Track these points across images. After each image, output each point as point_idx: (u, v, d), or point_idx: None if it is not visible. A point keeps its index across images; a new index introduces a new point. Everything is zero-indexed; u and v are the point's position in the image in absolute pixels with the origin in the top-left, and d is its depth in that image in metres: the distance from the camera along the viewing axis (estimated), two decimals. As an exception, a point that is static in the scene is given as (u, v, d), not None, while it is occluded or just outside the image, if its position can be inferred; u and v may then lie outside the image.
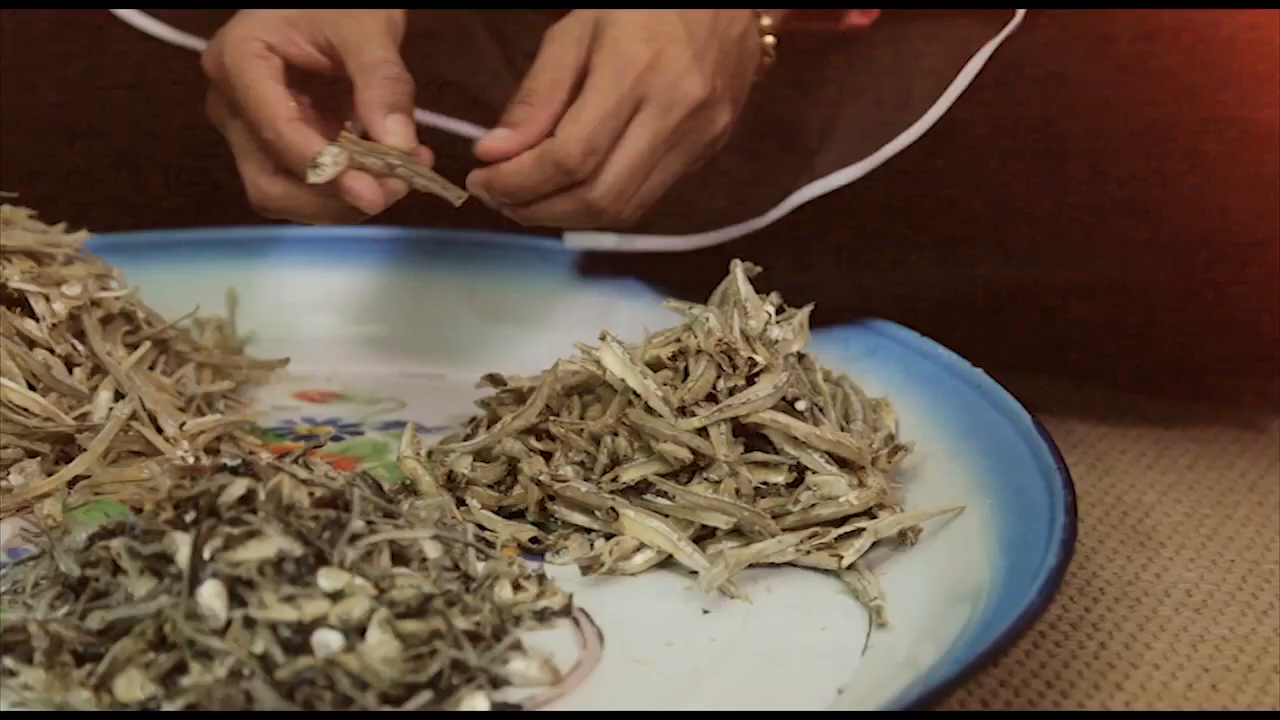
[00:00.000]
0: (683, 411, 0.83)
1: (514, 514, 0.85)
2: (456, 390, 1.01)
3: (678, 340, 0.87)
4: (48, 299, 0.89)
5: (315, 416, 0.98)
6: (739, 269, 0.89)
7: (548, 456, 0.86)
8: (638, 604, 0.78)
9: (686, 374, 0.85)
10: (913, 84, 0.97)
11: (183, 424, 0.90)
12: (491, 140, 0.88)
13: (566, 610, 0.76)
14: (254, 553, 0.70)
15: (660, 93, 0.87)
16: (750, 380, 0.84)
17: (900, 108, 0.97)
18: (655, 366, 0.86)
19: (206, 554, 0.69)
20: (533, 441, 0.87)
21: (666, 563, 0.80)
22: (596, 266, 1.08)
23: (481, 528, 0.82)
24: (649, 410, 0.83)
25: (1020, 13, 0.96)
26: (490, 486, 0.86)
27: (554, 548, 0.82)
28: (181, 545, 0.70)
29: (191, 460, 0.87)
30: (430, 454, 0.90)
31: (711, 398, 0.84)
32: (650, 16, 0.88)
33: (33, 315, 0.89)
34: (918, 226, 0.98)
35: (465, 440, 0.90)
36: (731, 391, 0.83)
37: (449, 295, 1.09)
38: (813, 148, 1.01)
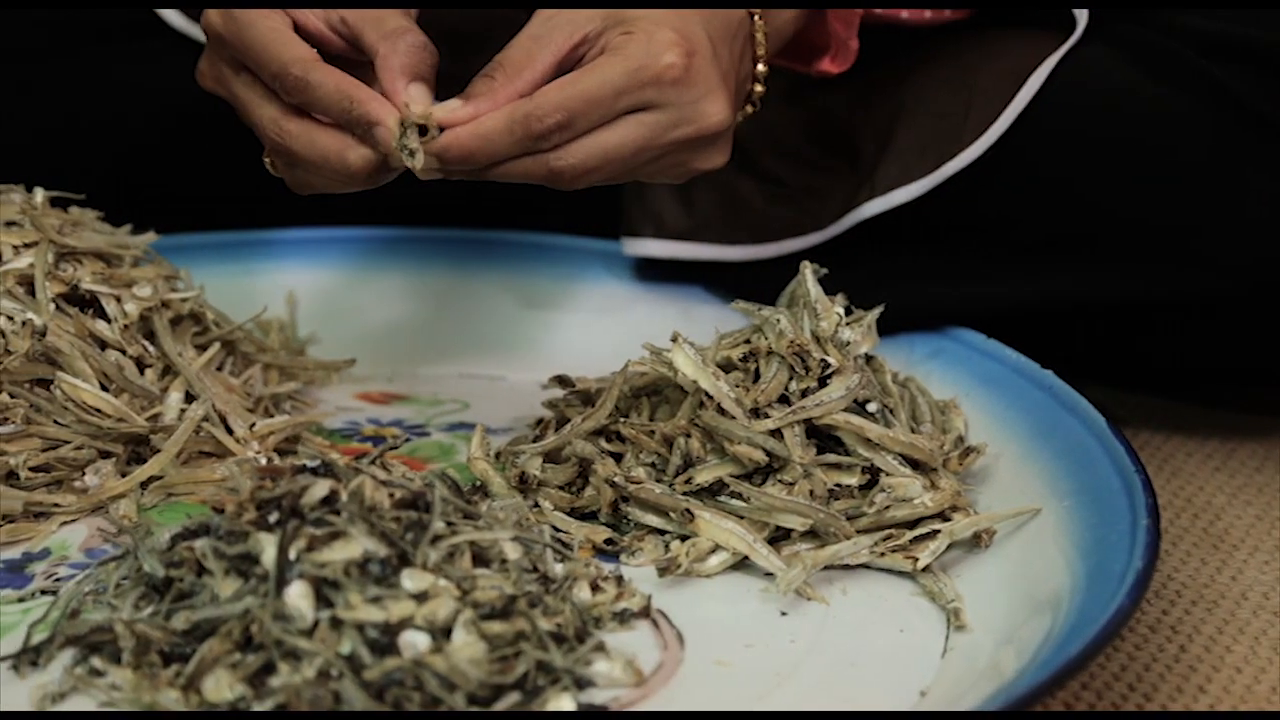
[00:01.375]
0: (755, 413, 0.83)
1: (585, 515, 0.85)
2: (517, 391, 1.01)
3: (747, 342, 0.87)
4: (119, 300, 0.89)
5: (380, 418, 0.98)
6: (808, 271, 0.89)
7: (617, 458, 0.86)
8: (714, 606, 0.78)
9: (757, 376, 0.85)
10: (973, 99, 0.96)
11: (252, 425, 0.90)
12: (441, 109, 0.82)
13: (645, 612, 0.76)
14: (339, 554, 0.70)
15: (678, 106, 0.83)
16: (822, 382, 0.84)
17: (961, 123, 0.96)
18: (725, 368, 0.86)
19: (291, 555, 0.70)
20: (602, 443, 0.87)
21: (739, 564, 0.81)
22: (655, 271, 1.09)
23: (555, 529, 0.82)
24: (721, 412, 0.83)
25: (1080, 27, 0.96)
26: (561, 488, 0.87)
27: (629, 549, 0.82)
28: (267, 546, 0.70)
29: (264, 461, 0.88)
30: (498, 455, 0.90)
31: (783, 399, 0.84)
32: (683, 29, 0.83)
33: (103, 316, 0.89)
34: (980, 238, 0.98)
35: (534, 442, 0.90)
36: (804, 393, 0.83)
37: (508, 297, 1.09)
38: (871, 161, 1.01)
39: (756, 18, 0.88)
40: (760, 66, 0.90)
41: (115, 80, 1.11)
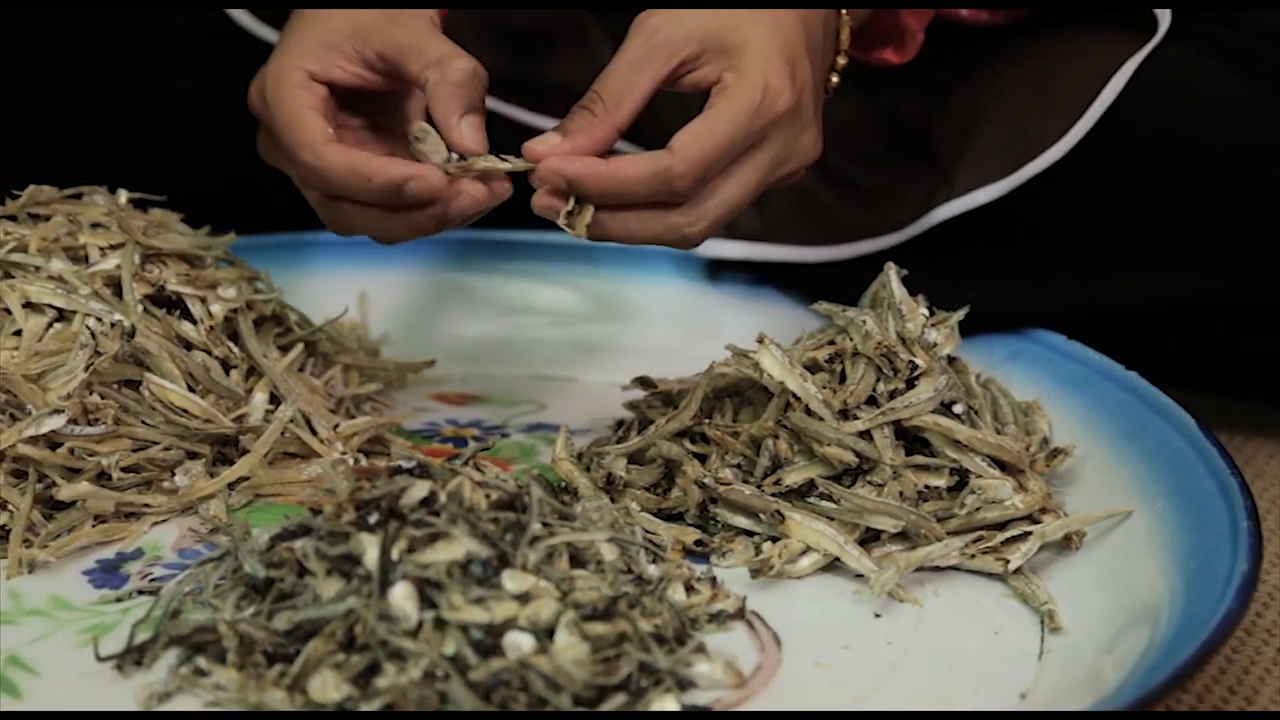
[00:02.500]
0: (843, 415, 0.83)
1: (670, 517, 0.85)
2: (591, 392, 1.02)
3: (831, 343, 0.87)
4: (204, 302, 0.90)
5: (458, 419, 0.98)
6: (892, 272, 0.89)
7: (701, 459, 0.86)
8: (807, 607, 0.78)
9: (843, 377, 0.85)
10: (1054, 100, 0.96)
11: (335, 426, 0.91)
12: (539, 143, 0.81)
13: (740, 613, 0.76)
14: (442, 554, 0.70)
15: (783, 142, 0.82)
16: (909, 384, 0.84)
17: (1041, 124, 0.96)
18: (810, 369, 0.86)
19: (394, 556, 0.70)
20: (686, 444, 0.87)
21: (828, 566, 0.81)
22: (727, 272, 1.09)
23: (645, 531, 0.82)
24: (809, 413, 0.83)
25: (1164, 27, 0.96)
26: (645, 489, 0.87)
27: (719, 551, 0.82)
28: (369, 547, 0.70)
29: (352, 462, 0.88)
30: (579, 456, 0.91)
31: (870, 401, 0.84)
32: (791, 52, 0.82)
33: (188, 317, 0.90)
34: (1060, 239, 0.97)
35: (617, 443, 0.90)
36: (892, 395, 0.83)
37: (578, 298, 1.09)
38: (949, 162, 1.00)
39: (844, 13, 0.88)
40: (840, 59, 0.89)
41: (175, 84, 1.11)
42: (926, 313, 0.88)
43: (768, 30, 0.82)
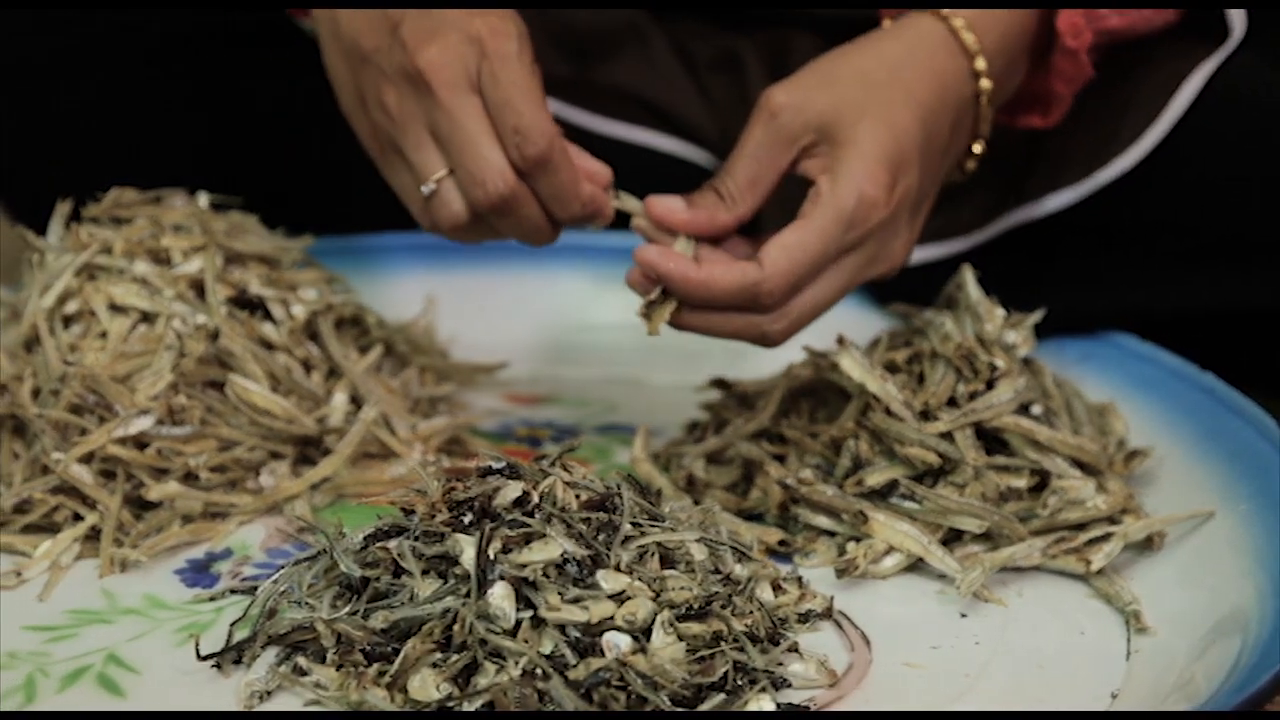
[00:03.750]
0: (923, 416, 0.83)
1: (749, 517, 0.86)
2: (659, 393, 1.02)
3: (908, 344, 0.88)
4: (286, 304, 0.91)
5: (530, 419, 0.99)
6: (969, 274, 0.90)
7: (778, 460, 0.87)
8: (892, 607, 0.78)
9: (920, 378, 0.86)
10: (1126, 106, 0.96)
11: (414, 426, 0.91)
12: (661, 203, 0.83)
13: (828, 613, 0.77)
14: (539, 554, 0.71)
15: (873, 248, 0.83)
16: (989, 385, 0.84)
17: (1114, 130, 0.96)
18: (889, 370, 0.86)
19: (490, 555, 0.70)
20: (765, 444, 0.88)
21: (909, 566, 0.81)
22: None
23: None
24: (889, 414, 0.83)
25: (1237, 33, 0.96)
26: (724, 489, 0.87)
27: (802, 551, 0.83)
28: (466, 547, 0.71)
29: (433, 462, 0.89)
30: (655, 456, 0.91)
31: (950, 402, 0.84)
32: (896, 159, 0.81)
33: (268, 319, 0.91)
34: (1131, 242, 0.98)
35: (695, 444, 0.91)
36: (972, 396, 0.84)
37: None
38: (1018, 167, 1.01)
39: (983, 99, 0.86)
40: (977, 146, 0.88)
41: (238, 86, 1.12)
42: (1003, 314, 0.88)
43: (878, 133, 0.81)
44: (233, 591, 0.78)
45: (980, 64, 0.85)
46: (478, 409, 0.99)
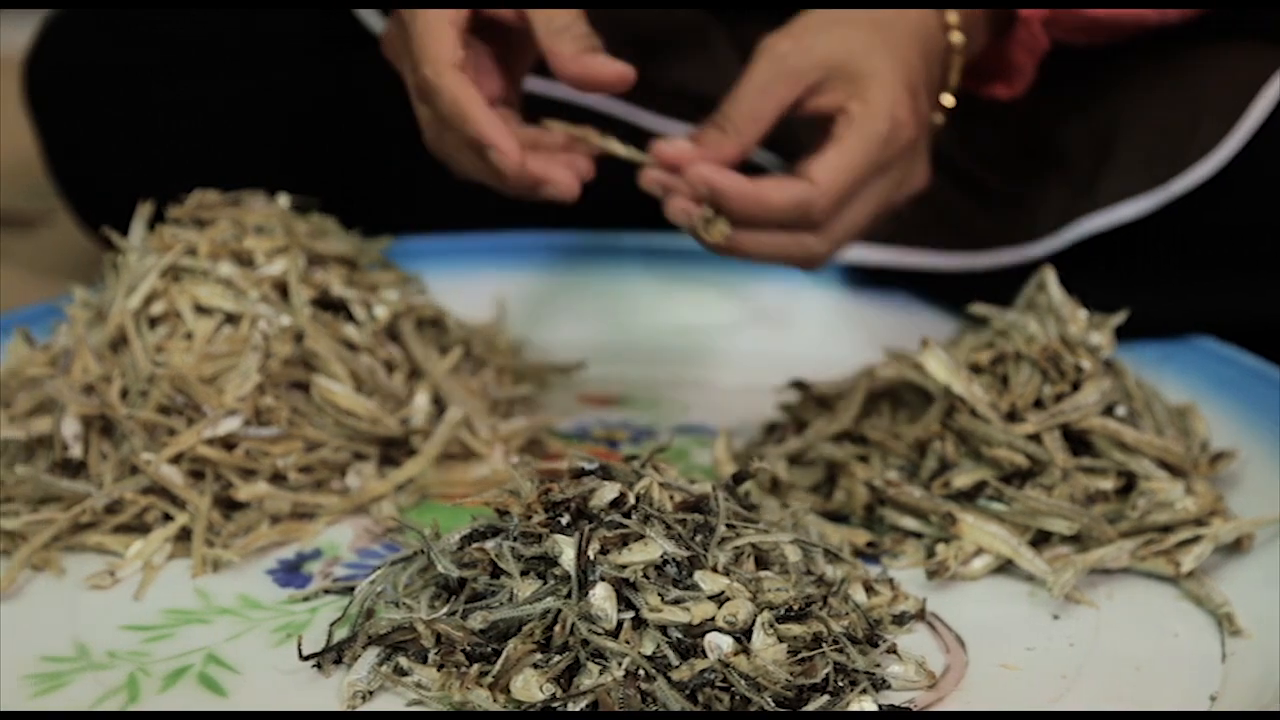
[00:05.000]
0: (1009, 417, 0.83)
1: (833, 518, 0.86)
2: (731, 394, 1.02)
3: (990, 346, 0.88)
4: (368, 305, 0.91)
5: (606, 419, 0.99)
6: (1051, 276, 0.90)
7: (860, 461, 0.87)
8: (982, 609, 0.78)
9: (1004, 380, 0.86)
10: (1201, 112, 0.96)
11: (495, 427, 0.92)
12: (670, 147, 0.85)
13: (921, 614, 0.77)
14: (639, 555, 0.71)
15: (901, 170, 0.86)
16: (1074, 386, 0.84)
17: (1189, 136, 0.96)
18: (972, 372, 0.86)
19: (589, 556, 0.71)
20: (847, 446, 0.88)
21: (997, 567, 0.81)
22: (858, 276, 1.09)
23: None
24: (974, 415, 0.83)
25: None
26: (807, 490, 0.87)
27: (890, 552, 0.83)
28: (565, 548, 0.71)
29: (516, 463, 0.89)
30: (735, 458, 0.91)
31: (1035, 404, 0.84)
32: (913, 84, 0.85)
33: (349, 320, 0.91)
34: (1206, 249, 0.97)
35: (776, 445, 0.91)
36: (1058, 398, 0.84)
37: (713, 300, 1.10)
38: (1089, 173, 1.00)
39: (955, 54, 0.89)
40: (946, 98, 0.91)
41: (306, 90, 1.12)
42: (1085, 316, 0.88)
43: (893, 63, 0.85)
44: (326, 591, 0.78)
45: (952, 17, 0.89)
46: (553, 410, 0.99)
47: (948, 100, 0.91)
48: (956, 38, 0.89)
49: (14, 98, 1.49)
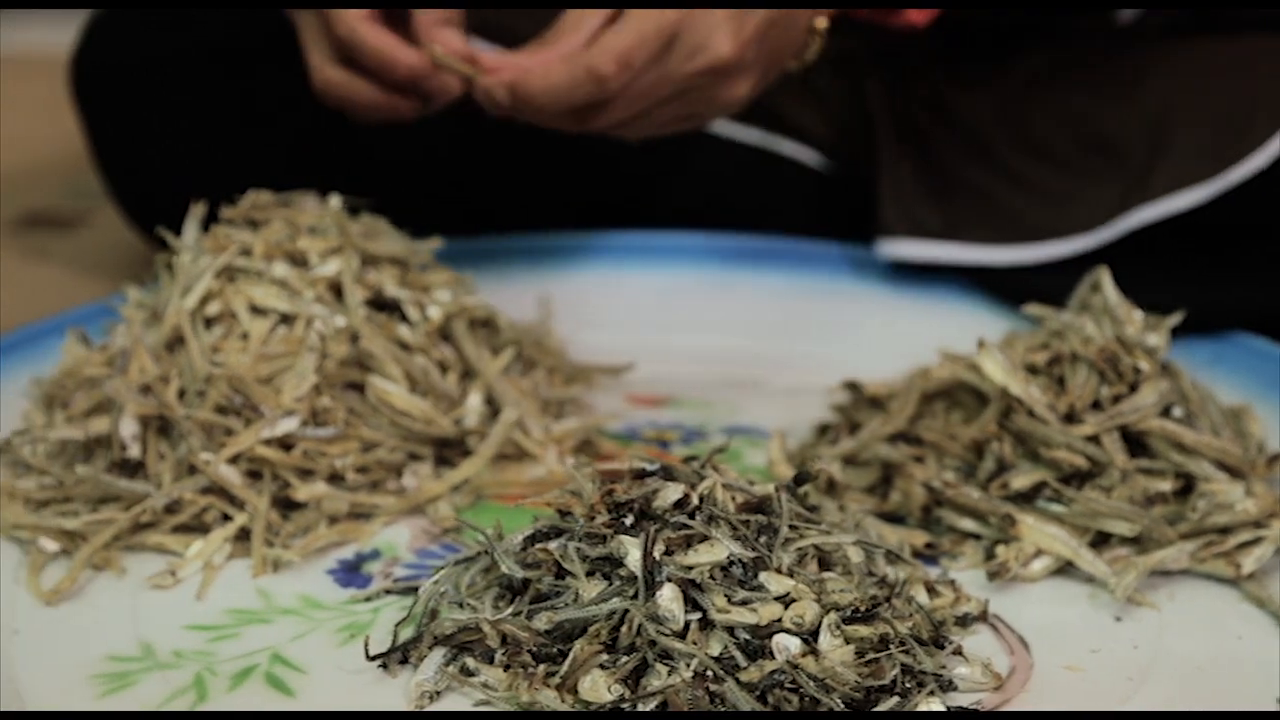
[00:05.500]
0: (1067, 418, 0.83)
1: (889, 519, 0.86)
2: (779, 394, 1.02)
3: (1045, 346, 0.88)
4: (421, 306, 0.91)
5: (656, 421, 0.99)
6: (1105, 275, 0.90)
7: (915, 462, 0.87)
8: (1043, 610, 0.78)
9: (1060, 380, 0.86)
10: (1258, 100, 0.96)
11: (548, 428, 0.92)
12: (494, 58, 0.91)
13: (984, 615, 0.77)
14: (705, 556, 0.71)
15: (689, 39, 0.89)
16: (1132, 388, 0.84)
17: (1246, 125, 0.95)
18: (1028, 372, 0.86)
19: (655, 557, 0.71)
20: (902, 447, 0.88)
21: (1056, 569, 0.81)
22: (906, 272, 1.09)
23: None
24: (1032, 417, 0.83)
25: None
26: (862, 491, 0.87)
27: (949, 554, 0.83)
28: (631, 549, 0.71)
29: (571, 464, 0.89)
30: (789, 458, 0.91)
31: (1093, 404, 0.84)
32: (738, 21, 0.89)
33: (403, 320, 0.91)
34: (1261, 240, 0.97)
35: (829, 445, 0.91)
36: (1116, 399, 0.84)
37: (760, 300, 1.10)
38: (1141, 164, 1.00)
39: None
40: (820, 20, 0.93)
41: None
42: (1141, 316, 0.88)
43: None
44: (388, 592, 0.78)
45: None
46: (602, 411, 0.99)
47: (820, 23, 0.94)
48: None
49: (50, 97, 1.50)
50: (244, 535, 0.82)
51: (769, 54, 0.92)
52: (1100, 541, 0.82)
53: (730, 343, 1.08)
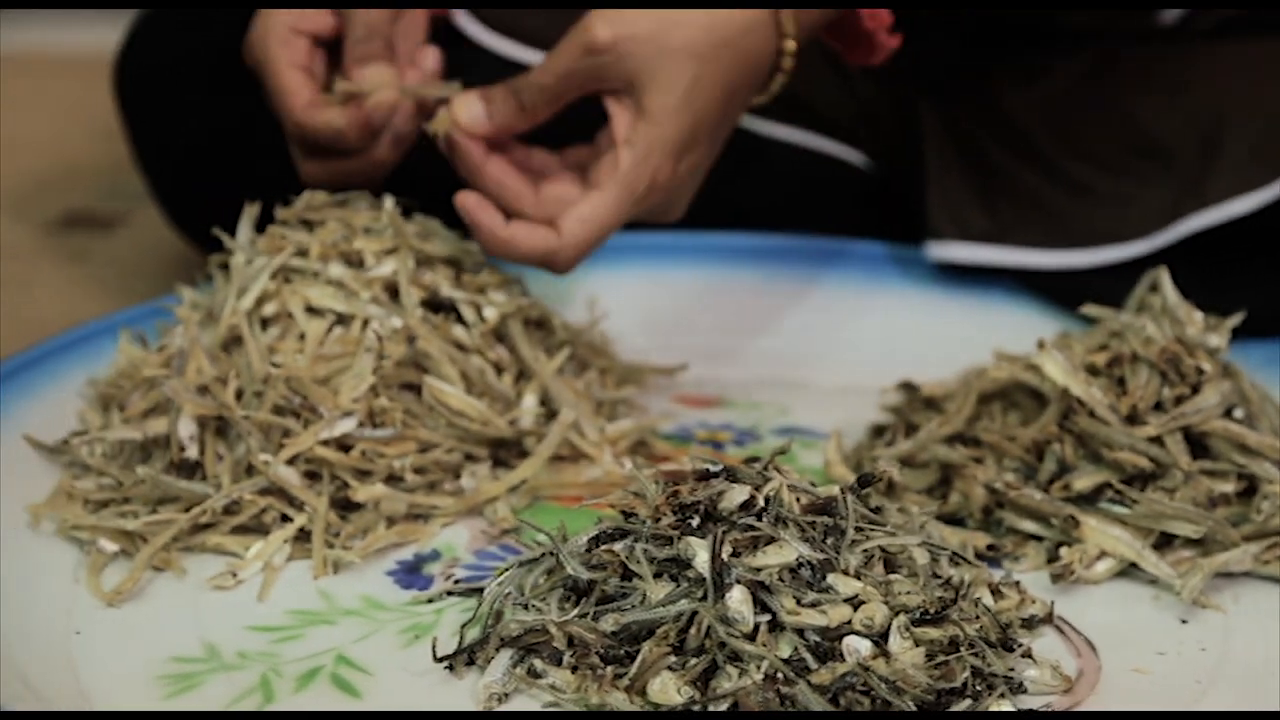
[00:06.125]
0: (1130, 420, 0.83)
1: (948, 520, 0.85)
2: (828, 395, 1.02)
3: (1103, 347, 0.87)
4: (477, 306, 0.91)
5: (707, 421, 0.99)
6: (1165, 276, 0.89)
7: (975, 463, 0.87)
8: (1108, 612, 0.78)
9: (1120, 381, 0.85)
10: None
11: (603, 429, 0.91)
12: (463, 108, 0.88)
13: (1049, 618, 0.76)
14: (773, 558, 0.71)
15: (654, 205, 0.89)
16: (1194, 389, 0.84)
17: None
18: (1089, 373, 0.86)
19: (723, 559, 0.70)
20: (960, 448, 0.88)
21: (1118, 571, 0.81)
22: (952, 274, 1.09)
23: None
24: (1093, 418, 0.83)
25: None
26: (919, 493, 0.87)
27: (1011, 555, 0.82)
28: (699, 550, 0.71)
29: (628, 465, 0.89)
30: (845, 459, 0.91)
31: (1155, 405, 0.84)
32: (690, 137, 0.87)
33: (458, 320, 0.91)
34: None
35: (886, 446, 0.91)
36: (1178, 400, 0.83)
37: (805, 300, 1.09)
38: (1195, 169, 1.00)
39: (786, 54, 0.89)
40: (780, 77, 0.90)
41: None
42: (1201, 317, 0.87)
43: (682, 118, 0.86)
44: (449, 593, 0.78)
45: (789, 45, 0.89)
46: (653, 411, 0.99)
47: (781, 80, 0.91)
48: (789, 45, 0.89)
49: (78, 98, 1.50)
50: (302, 536, 0.82)
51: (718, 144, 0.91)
52: (1163, 544, 0.81)
53: (777, 343, 1.07)
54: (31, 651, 0.73)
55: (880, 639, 0.69)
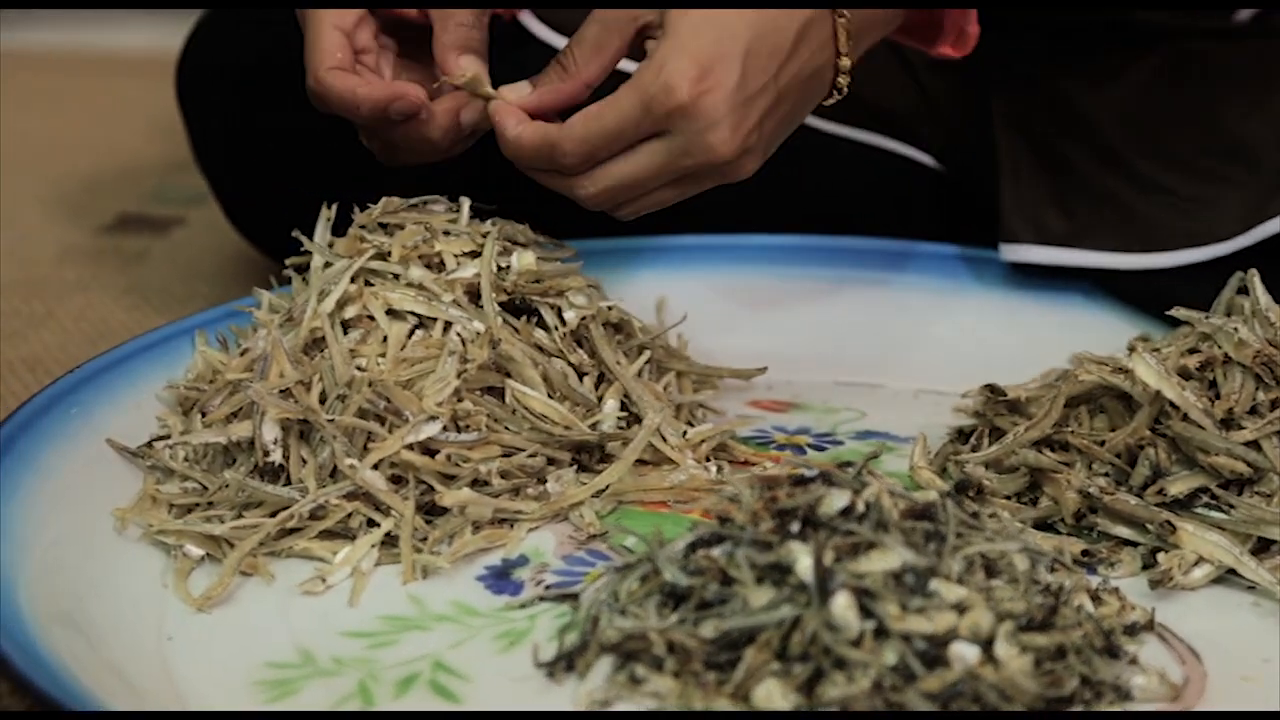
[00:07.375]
0: (1224, 424, 0.82)
1: (1038, 526, 0.85)
2: (903, 399, 1.01)
3: (1194, 350, 0.86)
4: (558, 310, 0.90)
5: (785, 425, 0.98)
6: (1257, 278, 0.88)
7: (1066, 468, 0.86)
8: (1208, 619, 0.77)
9: (1212, 384, 0.84)
10: None
11: (684, 433, 0.91)
12: (510, 90, 0.88)
13: (1150, 625, 0.76)
14: (878, 564, 0.70)
15: (684, 135, 0.85)
16: (1288, 392, 0.83)
17: None
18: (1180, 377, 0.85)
19: (826, 564, 0.70)
20: (1048, 453, 0.87)
21: (1215, 577, 0.80)
22: (1027, 277, 1.08)
23: (1024, 540, 0.82)
24: (1187, 421, 0.82)
25: None
26: (1007, 498, 0.86)
27: (1106, 561, 0.81)
28: (801, 556, 0.70)
29: (714, 470, 0.88)
30: (930, 464, 0.90)
31: (1250, 409, 0.83)
32: (711, 53, 0.85)
33: (539, 324, 0.90)
34: None
35: (971, 451, 0.90)
36: (1273, 404, 0.82)
37: (873, 303, 1.09)
38: (1275, 169, 0.99)
39: (839, 16, 0.88)
40: (844, 60, 0.90)
41: None
42: (1293, 320, 0.86)
43: (701, 29, 0.85)
44: (542, 599, 0.77)
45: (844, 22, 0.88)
46: (730, 416, 0.98)
47: (845, 63, 0.90)
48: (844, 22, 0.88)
49: (129, 100, 1.50)
50: (388, 541, 0.81)
51: (781, 123, 0.89)
52: (1260, 549, 0.80)
53: (850, 346, 1.06)
54: (126, 655, 0.72)
55: (986, 646, 0.69)
